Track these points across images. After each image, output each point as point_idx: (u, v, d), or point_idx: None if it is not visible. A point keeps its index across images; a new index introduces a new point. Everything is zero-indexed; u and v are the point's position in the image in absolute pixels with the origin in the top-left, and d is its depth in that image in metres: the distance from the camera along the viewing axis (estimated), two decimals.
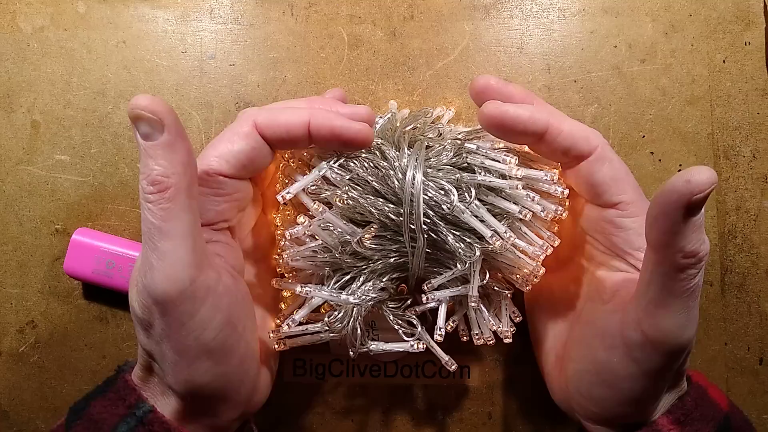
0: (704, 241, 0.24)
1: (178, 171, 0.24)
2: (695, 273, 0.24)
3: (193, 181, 0.25)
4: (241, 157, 0.28)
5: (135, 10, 0.39)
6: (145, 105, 0.24)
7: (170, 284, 0.25)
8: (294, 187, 0.30)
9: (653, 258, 0.25)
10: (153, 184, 0.24)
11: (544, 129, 0.28)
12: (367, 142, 0.29)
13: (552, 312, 0.33)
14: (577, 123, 0.29)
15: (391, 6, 0.39)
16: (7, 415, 0.38)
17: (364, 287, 0.31)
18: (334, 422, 0.38)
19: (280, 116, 0.28)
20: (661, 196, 0.23)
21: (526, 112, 0.28)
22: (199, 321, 0.26)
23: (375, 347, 0.32)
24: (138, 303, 0.26)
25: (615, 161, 0.29)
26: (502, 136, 0.29)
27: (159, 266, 0.24)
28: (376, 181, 0.30)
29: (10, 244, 0.39)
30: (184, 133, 0.25)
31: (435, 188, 0.29)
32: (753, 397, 0.38)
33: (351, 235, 0.30)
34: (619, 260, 0.30)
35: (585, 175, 0.29)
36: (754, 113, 0.38)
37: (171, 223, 0.24)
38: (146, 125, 0.24)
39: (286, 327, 0.31)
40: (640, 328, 0.26)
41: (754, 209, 0.38)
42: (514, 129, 0.28)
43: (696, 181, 0.22)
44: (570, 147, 0.29)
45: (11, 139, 0.39)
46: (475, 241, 0.30)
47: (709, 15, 0.38)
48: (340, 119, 0.28)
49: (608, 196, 0.29)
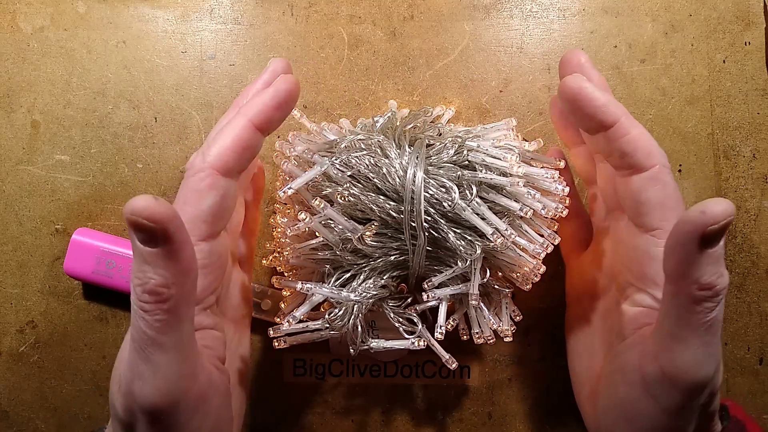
0: (722, 275, 0.23)
1: (179, 281, 0.22)
2: (712, 306, 0.23)
3: (194, 287, 0.23)
4: (215, 210, 0.26)
5: (135, 10, 0.39)
6: (142, 211, 0.20)
7: (162, 398, 0.22)
8: (295, 183, 0.30)
9: (670, 290, 0.24)
10: (150, 293, 0.21)
11: (613, 122, 0.27)
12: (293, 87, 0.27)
13: (587, 343, 0.33)
14: (647, 134, 0.28)
15: (391, 6, 0.39)
16: (7, 415, 0.38)
17: (364, 285, 0.31)
18: (334, 422, 0.38)
19: (227, 139, 0.26)
20: (677, 227, 0.23)
21: (603, 98, 0.27)
22: (188, 430, 0.24)
23: (376, 345, 0.32)
24: (121, 405, 0.24)
25: (669, 187, 0.27)
26: (571, 111, 0.28)
27: (150, 378, 0.22)
28: (377, 179, 0.30)
29: (10, 244, 0.39)
30: (187, 237, 0.22)
31: (436, 186, 0.29)
32: (753, 397, 0.38)
33: (352, 232, 0.30)
34: (645, 294, 0.28)
35: (634, 189, 0.28)
36: (754, 113, 0.38)
37: (167, 336, 0.22)
38: (144, 234, 0.21)
39: (287, 324, 0.31)
40: (658, 363, 0.25)
41: (754, 209, 0.38)
42: (584, 108, 0.27)
43: (711, 213, 0.22)
44: (629, 153, 0.27)
45: (11, 139, 0.39)
46: (476, 239, 0.30)
47: (709, 15, 0.38)
48: (266, 94, 0.27)
49: (649, 219, 0.27)
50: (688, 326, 0.24)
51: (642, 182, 0.27)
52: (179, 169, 0.38)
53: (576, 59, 0.29)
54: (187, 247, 0.22)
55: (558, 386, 0.38)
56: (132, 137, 0.38)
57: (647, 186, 0.27)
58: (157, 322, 0.22)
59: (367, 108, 0.38)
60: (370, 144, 0.30)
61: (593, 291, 0.32)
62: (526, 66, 0.38)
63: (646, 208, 0.27)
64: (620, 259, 0.30)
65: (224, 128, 0.27)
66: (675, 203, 0.27)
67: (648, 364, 0.26)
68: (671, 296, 0.24)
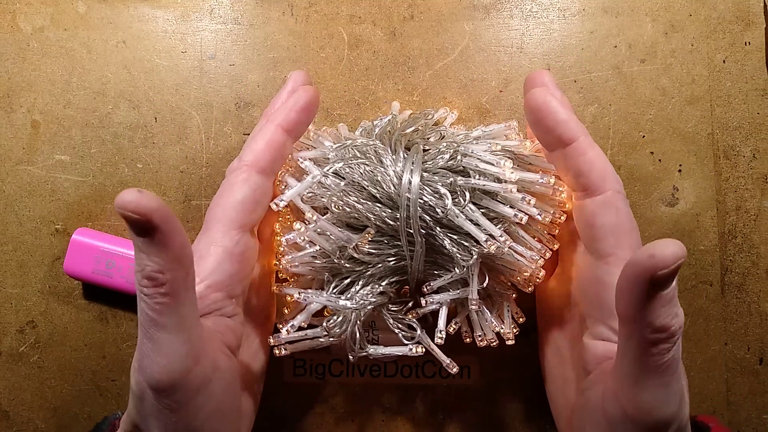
0: (677, 315, 0.22)
1: (173, 267, 0.23)
2: (668, 347, 0.22)
3: (190, 271, 0.24)
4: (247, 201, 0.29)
5: (135, 10, 0.39)
6: (128, 204, 0.22)
7: (164, 375, 0.24)
8: (287, 195, 0.30)
9: (624, 332, 0.23)
10: (148, 278, 0.23)
11: (571, 139, 0.28)
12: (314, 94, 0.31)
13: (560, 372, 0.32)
14: (604, 158, 0.28)
15: (391, 6, 0.39)
16: (7, 415, 0.38)
17: (363, 292, 0.31)
18: (334, 422, 0.38)
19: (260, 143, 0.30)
20: (626, 269, 0.22)
21: (565, 114, 0.28)
22: (191, 410, 0.25)
23: (374, 351, 0.32)
24: (134, 379, 0.25)
25: (623, 213, 0.27)
26: (533, 124, 0.29)
27: (154, 356, 0.24)
28: (372, 186, 0.30)
29: (10, 244, 0.39)
30: (176, 226, 0.23)
31: (430, 192, 0.29)
32: (753, 397, 0.38)
33: (347, 242, 0.30)
34: (604, 326, 0.28)
35: (588, 213, 0.28)
36: (754, 113, 0.38)
37: (167, 317, 0.24)
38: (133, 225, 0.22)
39: (285, 332, 0.31)
40: (619, 403, 0.25)
41: (754, 209, 0.38)
42: (545, 121, 0.28)
43: (661, 257, 0.21)
44: (583, 173, 0.28)
45: (11, 139, 0.39)
46: (472, 245, 0.30)
47: (709, 15, 0.38)
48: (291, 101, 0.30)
49: (602, 245, 0.27)
50: (645, 368, 0.23)
51: (595, 206, 0.28)
52: (179, 169, 0.38)
53: (540, 78, 0.30)
54: (177, 236, 0.23)
55: None
56: (132, 137, 0.38)
57: (600, 211, 0.27)
58: (156, 305, 0.23)
59: (367, 108, 0.38)
60: (366, 150, 0.30)
61: (560, 319, 0.32)
62: (526, 66, 0.38)
63: (599, 233, 0.28)
64: (579, 287, 0.30)
65: (256, 134, 0.30)
66: (628, 230, 0.27)
67: (609, 403, 0.25)
68: (626, 338, 0.23)
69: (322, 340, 0.31)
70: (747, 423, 0.37)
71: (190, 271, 0.25)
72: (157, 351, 0.24)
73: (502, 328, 0.32)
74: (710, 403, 0.37)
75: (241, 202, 0.29)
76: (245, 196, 0.29)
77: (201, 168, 0.38)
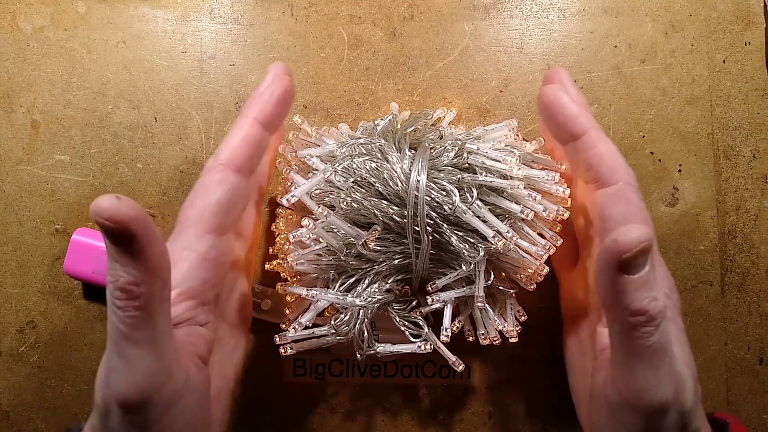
0: (655, 299, 0.23)
1: (149, 279, 0.22)
2: (651, 331, 0.23)
3: (167, 283, 0.23)
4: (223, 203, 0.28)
5: (135, 10, 0.39)
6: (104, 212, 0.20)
7: (134, 392, 0.23)
8: (299, 191, 0.30)
9: (608, 317, 0.24)
10: (121, 290, 0.22)
11: (581, 133, 0.28)
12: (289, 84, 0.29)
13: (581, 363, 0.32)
14: (615, 151, 0.28)
15: (391, 6, 0.39)
16: (7, 415, 0.38)
17: (369, 289, 0.31)
18: (335, 422, 0.38)
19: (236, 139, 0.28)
20: (599, 255, 0.23)
21: (575, 109, 0.28)
22: (161, 428, 0.24)
23: (382, 349, 0.32)
24: (98, 394, 0.24)
25: (634, 205, 0.28)
26: (545, 119, 0.29)
27: (123, 372, 0.23)
28: (379, 183, 0.30)
29: (10, 244, 0.39)
30: (154, 235, 0.22)
31: (437, 189, 0.29)
32: (753, 397, 0.38)
33: (356, 238, 0.30)
34: None
35: (599, 204, 0.28)
36: (754, 113, 0.38)
37: (139, 331, 0.22)
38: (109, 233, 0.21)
39: (293, 331, 0.31)
40: (615, 386, 0.25)
41: (754, 209, 0.38)
42: (556, 115, 0.28)
43: (624, 241, 0.21)
44: (594, 166, 0.28)
45: (11, 139, 0.39)
46: (478, 242, 0.30)
47: (709, 15, 0.38)
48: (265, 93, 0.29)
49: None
50: (631, 352, 0.24)
51: (605, 198, 0.28)
52: (179, 169, 0.38)
53: (557, 76, 0.31)
54: (155, 246, 0.22)
55: (558, 386, 0.38)
56: (132, 137, 0.38)
57: (610, 202, 0.28)
58: (129, 318, 0.22)
59: (367, 108, 0.38)
60: (371, 148, 0.30)
61: (583, 310, 0.32)
62: (526, 66, 0.38)
63: (609, 224, 0.28)
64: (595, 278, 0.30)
65: (231, 129, 0.29)
66: (640, 222, 0.27)
67: (609, 388, 0.26)
68: (610, 323, 0.24)
69: (329, 338, 0.31)
70: (747, 423, 0.37)
71: (168, 282, 0.23)
72: (127, 366, 0.22)
73: (505, 326, 0.32)
74: (710, 403, 0.37)
75: (216, 204, 0.28)
76: (220, 197, 0.28)
77: (201, 168, 0.38)
